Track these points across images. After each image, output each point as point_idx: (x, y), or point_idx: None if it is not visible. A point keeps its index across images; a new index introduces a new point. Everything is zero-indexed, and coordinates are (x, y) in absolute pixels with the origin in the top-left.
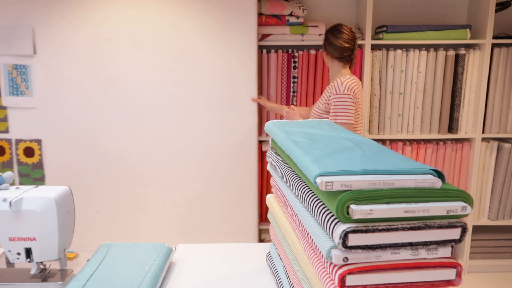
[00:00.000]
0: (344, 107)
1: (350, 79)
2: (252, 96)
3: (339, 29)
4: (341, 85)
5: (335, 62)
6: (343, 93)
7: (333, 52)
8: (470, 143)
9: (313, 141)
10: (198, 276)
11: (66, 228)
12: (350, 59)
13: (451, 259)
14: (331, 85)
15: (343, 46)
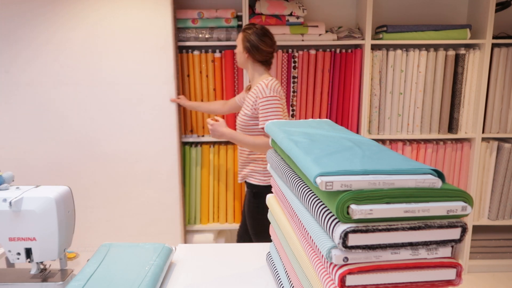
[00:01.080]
0: (273, 109)
1: (273, 80)
2: (171, 96)
3: (265, 33)
4: (266, 87)
5: (257, 65)
6: (270, 95)
7: (258, 56)
8: (470, 143)
9: (313, 141)
10: (198, 276)
11: (66, 228)
12: (271, 62)
13: (451, 259)
14: (255, 90)
15: (268, 51)
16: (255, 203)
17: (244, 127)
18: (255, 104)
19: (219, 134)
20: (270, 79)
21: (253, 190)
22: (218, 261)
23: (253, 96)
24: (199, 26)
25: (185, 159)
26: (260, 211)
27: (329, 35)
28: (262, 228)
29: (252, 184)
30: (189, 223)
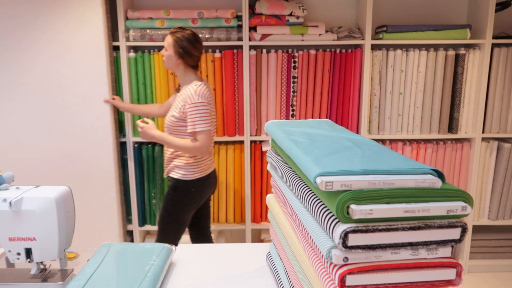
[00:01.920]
0: (201, 115)
1: (202, 85)
2: (105, 97)
3: (196, 39)
4: (195, 93)
5: (189, 70)
6: (198, 102)
7: (190, 61)
8: (470, 143)
9: (313, 141)
10: (198, 276)
11: (66, 228)
12: (200, 65)
13: (451, 259)
14: (184, 93)
15: (199, 56)
16: (172, 196)
17: (172, 128)
18: (183, 108)
19: (149, 136)
20: (199, 84)
21: (174, 183)
22: (218, 261)
23: (182, 100)
24: (199, 26)
25: None
26: (175, 205)
27: (329, 35)
28: (168, 221)
29: (173, 178)
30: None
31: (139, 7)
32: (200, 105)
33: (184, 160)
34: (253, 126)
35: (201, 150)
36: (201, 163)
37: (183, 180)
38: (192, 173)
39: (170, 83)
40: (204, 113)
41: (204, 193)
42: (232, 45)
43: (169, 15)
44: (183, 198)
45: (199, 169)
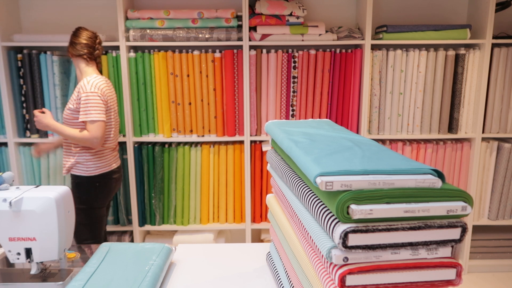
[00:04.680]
0: (93, 105)
1: (98, 78)
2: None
3: (78, 30)
4: (87, 83)
5: (78, 61)
6: (90, 91)
7: (73, 51)
8: (470, 143)
9: (313, 141)
10: (198, 276)
11: (66, 228)
12: (92, 56)
13: (451, 259)
14: (78, 85)
15: (82, 43)
16: (76, 194)
17: (68, 120)
18: (78, 99)
19: (44, 125)
20: (95, 77)
21: (76, 180)
22: (218, 261)
23: (76, 91)
24: (199, 26)
25: (185, 159)
26: (82, 203)
27: (329, 35)
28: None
29: (74, 175)
30: (189, 223)
31: (139, 7)
32: (92, 95)
33: (84, 155)
34: (253, 126)
35: (93, 142)
36: (103, 158)
37: (84, 176)
38: (94, 168)
39: (170, 83)
40: (97, 103)
41: (110, 188)
42: (232, 45)
43: (169, 15)
44: (89, 194)
45: (101, 164)
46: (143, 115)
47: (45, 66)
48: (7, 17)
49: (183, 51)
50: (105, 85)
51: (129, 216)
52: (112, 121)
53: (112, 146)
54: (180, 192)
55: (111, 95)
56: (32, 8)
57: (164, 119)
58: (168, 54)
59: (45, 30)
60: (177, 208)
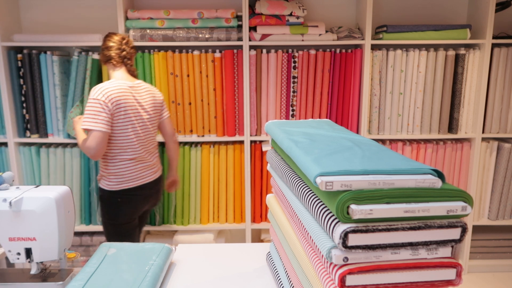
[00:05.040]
0: (91, 113)
1: (112, 83)
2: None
3: (106, 35)
4: (95, 89)
5: (108, 68)
6: (93, 98)
7: (102, 57)
8: (470, 143)
9: (313, 141)
10: (198, 276)
11: (66, 228)
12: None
13: (451, 259)
14: None
15: (107, 47)
16: (101, 206)
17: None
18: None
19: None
20: (108, 82)
21: (99, 193)
22: (218, 261)
23: None
24: (199, 26)
25: (185, 159)
26: (105, 215)
27: (329, 35)
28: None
29: (99, 187)
30: (189, 223)
31: (139, 7)
32: (92, 102)
33: (105, 169)
34: (253, 126)
35: (88, 151)
36: (126, 172)
37: (106, 190)
38: (114, 183)
39: (170, 83)
40: (94, 111)
41: (136, 204)
42: (232, 45)
43: (169, 15)
44: (111, 209)
45: (124, 179)
46: None
47: (45, 66)
48: (7, 17)
49: (183, 51)
50: (116, 92)
51: None
52: (130, 129)
53: (133, 157)
54: (180, 192)
55: (126, 101)
56: (32, 8)
57: None
58: (168, 54)
59: (45, 30)
60: (177, 208)
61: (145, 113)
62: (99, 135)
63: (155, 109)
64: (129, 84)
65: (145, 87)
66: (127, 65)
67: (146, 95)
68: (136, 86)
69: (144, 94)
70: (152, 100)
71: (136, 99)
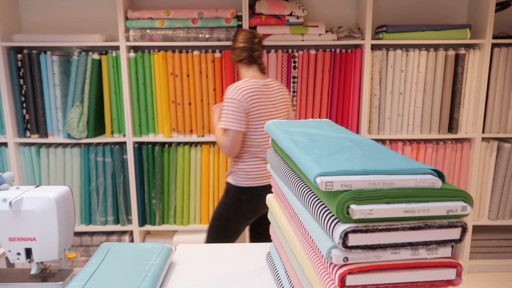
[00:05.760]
0: (228, 112)
1: (246, 82)
2: None
3: (237, 32)
4: (230, 88)
5: (240, 67)
6: (228, 97)
7: (234, 56)
8: (470, 143)
9: (313, 141)
10: (198, 276)
11: (66, 228)
12: (252, 59)
13: (451, 259)
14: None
15: (239, 47)
16: (222, 199)
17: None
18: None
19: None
20: (243, 81)
21: (227, 186)
22: (218, 261)
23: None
24: (199, 26)
25: (185, 159)
26: (223, 207)
27: (329, 35)
28: (217, 225)
29: (227, 182)
30: (189, 223)
31: (139, 7)
32: (228, 101)
33: (234, 165)
34: None
35: (225, 150)
36: (255, 169)
37: (233, 184)
38: (243, 179)
39: (170, 83)
40: (231, 110)
41: (258, 205)
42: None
43: (169, 15)
44: (233, 204)
45: (251, 177)
46: (143, 115)
47: (45, 66)
48: (7, 17)
49: (183, 51)
50: (250, 91)
51: (129, 216)
52: (262, 127)
53: (263, 156)
54: (180, 192)
55: (260, 100)
56: (32, 8)
57: (164, 119)
58: (168, 54)
59: (45, 30)
60: (177, 208)
61: (277, 112)
62: (235, 134)
63: (286, 108)
64: (262, 82)
65: (276, 85)
66: (259, 64)
67: (278, 93)
68: (268, 84)
69: (275, 92)
70: (283, 99)
71: (268, 98)
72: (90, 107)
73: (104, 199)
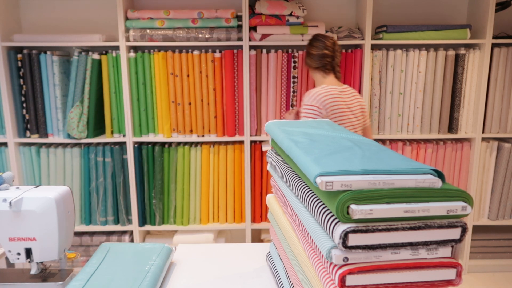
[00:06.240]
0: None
1: (324, 88)
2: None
3: (315, 37)
4: (308, 95)
5: (316, 73)
6: (306, 104)
7: (310, 62)
8: (470, 143)
9: (313, 141)
10: (198, 276)
11: (66, 228)
12: (331, 67)
13: (451, 259)
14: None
15: (319, 53)
16: None
17: None
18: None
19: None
20: (321, 87)
21: None
22: (218, 261)
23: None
24: (199, 26)
25: (185, 159)
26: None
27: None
28: None
29: None
30: (189, 223)
31: (139, 7)
32: (307, 108)
33: None
34: (253, 126)
35: None
36: None
37: None
38: None
39: (170, 83)
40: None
41: None
42: (232, 45)
43: (169, 15)
44: None
45: None
46: (143, 115)
47: (45, 66)
48: (7, 17)
49: (183, 51)
50: (329, 97)
51: (129, 216)
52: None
53: None
54: (180, 192)
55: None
56: (32, 8)
57: (164, 119)
58: (168, 54)
59: (45, 30)
60: (177, 208)
61: (355, 119)
62: None
63: (362, 114)
64: (339, 89)
65: (352, 92)
66: (336, 71)
67: (354, 100)
68: (345, 91)
69: (352, 99)
70: (359, 105)
71: (346, 104)
72: (90, 107)
73: (104, 199)
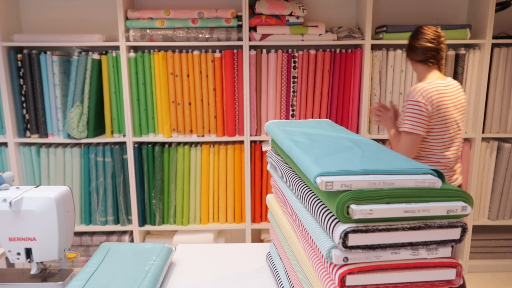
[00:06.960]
0: (409, 115)
1: (430, 84)
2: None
3: (417, 30)
4: (413, 90)
5: (419, 67)
6: (411, 99)
7: (413, 55)
8: (470, 143)
9: (313, 141)
10: (198, 276)
11: (66, 228)
12: (436, 61)
13: (451, 259)
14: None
15: (423, 47)
16: None
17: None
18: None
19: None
20: (429, 82)
21: None
22: (218, 261)
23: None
24: (199, 26)
25: (185, 159)
26: None
27: (329, 35)
28: None
29: None
30: (189, 223)
31: (139, 7)
32: (413, 104)
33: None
34: (253, 126)
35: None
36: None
37: None
38: None
39: (170, 83)
40: (414, 113)
41: None
42: (232, 45)
43: (169, 15)
44: None
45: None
46: (143, 115)
47: (45, 66)
48: (7, 17)
49: (183, 51)
50: (436, 92)
51: (129, 216)
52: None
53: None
54: (180, 192)
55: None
56: (32, 8)
57: (164, 119)
58: (168, 54)
59: (45, 30)
60: (177, 208)
61: (458, 114)
62: (415, 138)
63: (463, 109)
64: (444, 83)
65: (456, 86)
66: (440, 65)
67: (459, 94)
68: (450, 85)
69: (456, 93)
70: (463, 99)
71: (451, 100)
72: (90, 107)
73: (104, 199)
